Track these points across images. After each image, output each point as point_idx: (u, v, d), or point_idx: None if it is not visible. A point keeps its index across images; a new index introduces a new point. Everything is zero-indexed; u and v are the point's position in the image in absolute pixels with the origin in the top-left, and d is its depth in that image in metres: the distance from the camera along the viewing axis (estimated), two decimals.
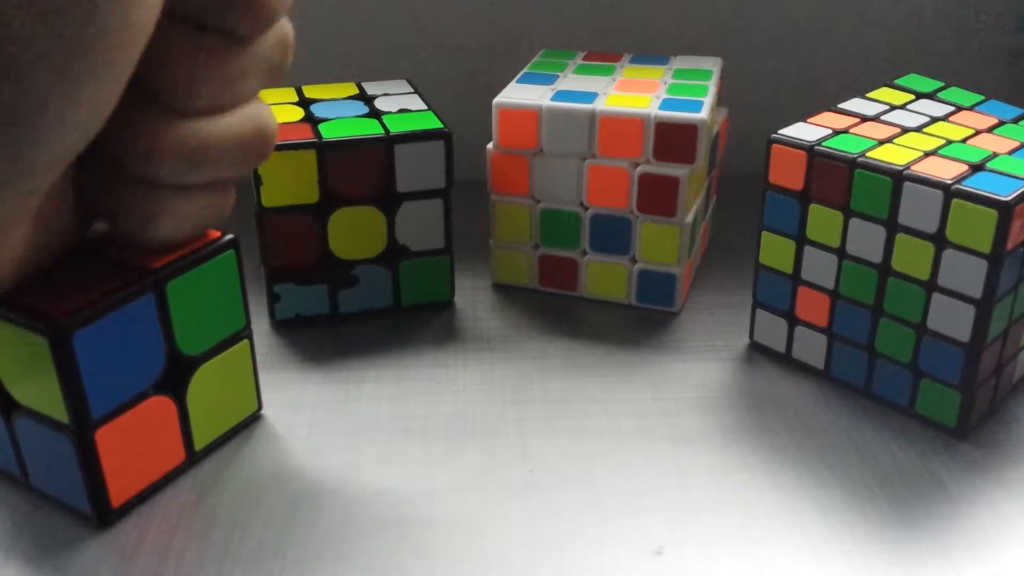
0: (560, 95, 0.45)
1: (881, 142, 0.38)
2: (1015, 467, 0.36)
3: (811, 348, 0.41)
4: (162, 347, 0.34)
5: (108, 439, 0.32)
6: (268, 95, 0.46)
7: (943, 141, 0.38)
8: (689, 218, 0.44)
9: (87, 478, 0.32)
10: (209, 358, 0.36)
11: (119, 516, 0.34)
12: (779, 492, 0.35)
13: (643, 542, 0.33)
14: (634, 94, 0.44)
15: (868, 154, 0.37)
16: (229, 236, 0.35)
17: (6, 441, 0.34)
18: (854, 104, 0.42)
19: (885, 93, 0.43)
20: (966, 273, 0.35)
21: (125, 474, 0.33)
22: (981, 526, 0.33)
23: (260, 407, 0.39)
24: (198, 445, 0.36)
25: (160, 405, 0.34)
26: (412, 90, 0.48)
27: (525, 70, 0.48)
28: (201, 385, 0.35)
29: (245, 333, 0.37)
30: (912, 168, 0.36)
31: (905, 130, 0.39)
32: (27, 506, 0.34)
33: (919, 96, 0.43)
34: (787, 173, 0.39)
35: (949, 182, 0.35)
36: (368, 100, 0.46)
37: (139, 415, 0.33)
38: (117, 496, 0.33)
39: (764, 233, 0.41)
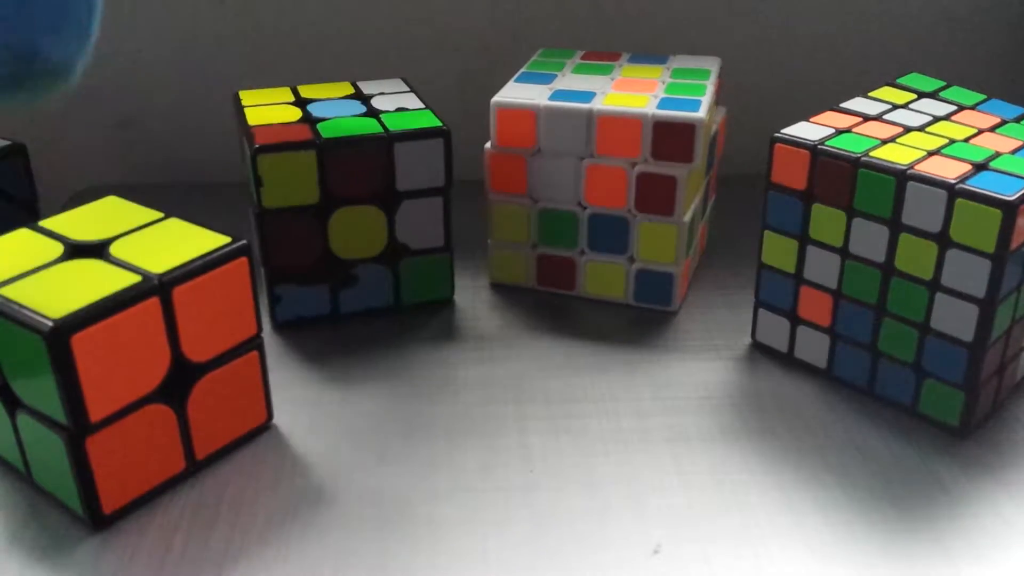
0: (558, 94, 0.44)
1: (884, 141, 0.38)
2: (1017, 467, 0.36)
3: (813, 348, 0.41)
4: (167, 353, 0.33)
5: (103, 445, 0.32)
6: (264, 94, 0.46)
7: (946, 140, 0.38)
8: (687, 217, 0.44)
9: (80, 482, 0.32)
10: (216, 366, 0.35)
11: (114, 520, 0.33)
12: (780, 492, 0.35)
13: (643, 542, 0.33)
14: (632, 93, 0.44)
15: (871, 153, 0.37)
16: (241, 241, 0.35)
17: (11, 435, 0.34)
18: (856, 103, 0.42)
19: (887, 92, 0.43)
20: (969, 273, 0.35)
21: (119, 480, 0.33)
22: (982, 526, 0.33)
23: (270, 418, 0.38)
24: (200, 454, 0.36)
25: (159, 414, 0.34)
26: (408, 88, 0.47)
27: (523, 69, 0.48)
28: (205, 394, 0.35)
29: (256, 342, 0.36)
30: (915, 167, 0.36)
31: (908, 129, 0.39)
32: (27, 506, 0.34)
33: (921, 95, 0.43)
34: (790, 172, 0.39)
35: (953, 181, 0.35)
36: (365, 99, 0.46)
37: (136, 423, 0.33)
38: (109, 502, 0.33)
39: (766, 233, 0.40)
